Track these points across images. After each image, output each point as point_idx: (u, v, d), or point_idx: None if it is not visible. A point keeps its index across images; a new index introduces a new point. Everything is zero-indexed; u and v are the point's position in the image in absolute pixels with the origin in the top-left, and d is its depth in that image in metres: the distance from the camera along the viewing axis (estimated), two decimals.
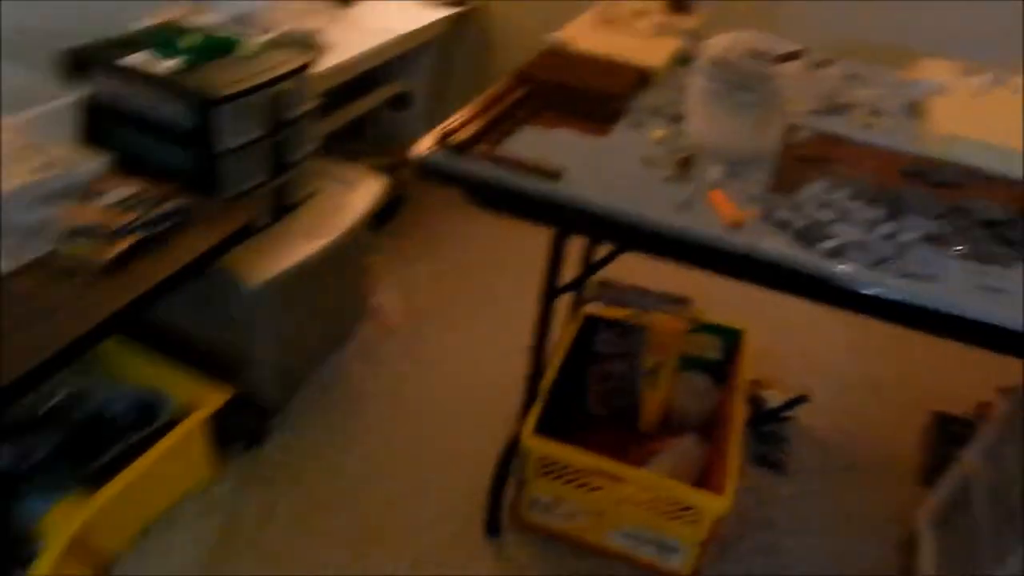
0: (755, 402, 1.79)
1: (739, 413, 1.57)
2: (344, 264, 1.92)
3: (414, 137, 1.11)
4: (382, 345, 2.08)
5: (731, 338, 1.79)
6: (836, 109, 1.38)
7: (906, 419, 1.95)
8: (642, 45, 1.52)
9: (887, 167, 1.20)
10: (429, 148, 1.13)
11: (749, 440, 1.77)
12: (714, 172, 1.08)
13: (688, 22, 1.68)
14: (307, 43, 1.77)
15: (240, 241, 1.48)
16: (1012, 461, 1.28)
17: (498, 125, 1.19)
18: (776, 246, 0.95)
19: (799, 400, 1.82)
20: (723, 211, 1.00)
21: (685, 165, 1.10)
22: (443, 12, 2.37)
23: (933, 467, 1.71)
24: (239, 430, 1.70)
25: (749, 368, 1.70)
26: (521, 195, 1.07)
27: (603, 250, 1.43)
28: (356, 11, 2.24)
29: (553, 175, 1.06)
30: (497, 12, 2.57)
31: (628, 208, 1.01)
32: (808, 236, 0.97)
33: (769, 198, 1.06)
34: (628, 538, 1.51)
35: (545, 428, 1.52)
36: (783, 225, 1.00)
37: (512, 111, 1.24)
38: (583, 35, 1.52)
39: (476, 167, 1.09)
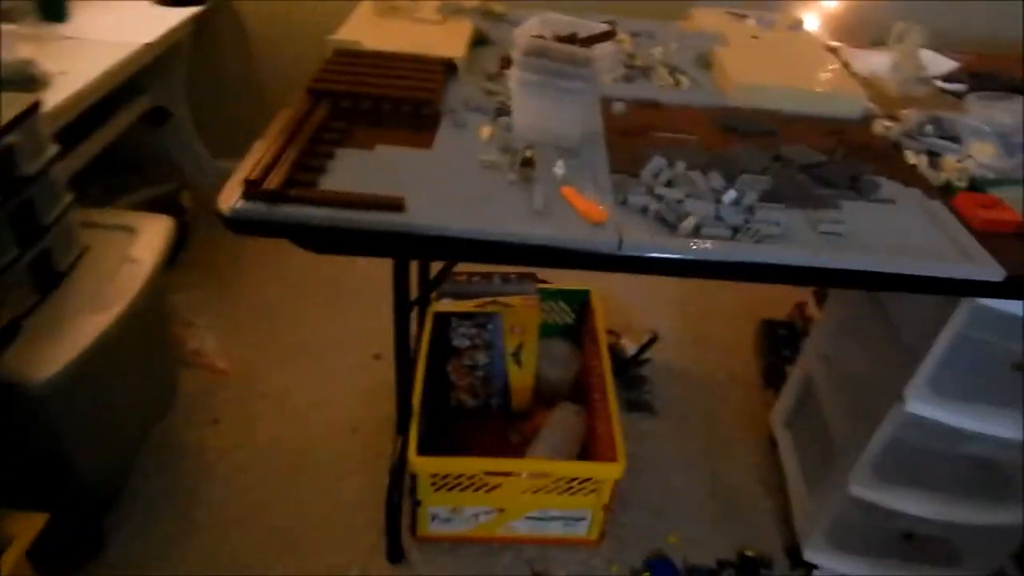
0: (613, 353, 1.82)
1: (607, 372, 1.58)
2: (148, 322, 1.61)
3: (182, 153, 0.90)
4: (217, 394, 1.81)
5: (580, 299, 1.78)
6: (639, 72, 1.36)
7: (740, 331, 2.10)
8: (433, 33, 1.38)
9: (704, 125, 1.21)
10: (237, 201, 0.92)
11: (616, 389, 1.81)
12: (558, 167, 1.00)
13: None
14: (24, 77, 1.39)
15: (7, 343, 1.16)
16: (843, 360, 1.41)
17: (309, 156, 1.00)
18: (644, 238, 0.90)
19: (651, 341, 1.88)
20: (582, 209, 0.93)
21: (527, 164, 1.00)
22: (182, 12, 2.00)
23: (769, 369, 1.87)
24: (72, 544, 1.39)
25: (601, 323, 1.71)
26: (362, 234, 0.92)
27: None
28: (73, 27, 1.80)
29: (395, 205, 0.92)
30: (247, 6, 2.24)
31: (487, 227, 0.90)
32: (667, 219, 0.93)
33: (617, 183, 1.00)
34: (534, 522, 1.48)
35: (424, 439, 1.42)
36: (642, 211, 0.95)
37: (319, 136, 1.05)
38: (366, 31, 1.34)
39: (300, 212, 0.91)
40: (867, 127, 1.24)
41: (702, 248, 0.90)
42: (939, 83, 1.40)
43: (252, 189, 0.92)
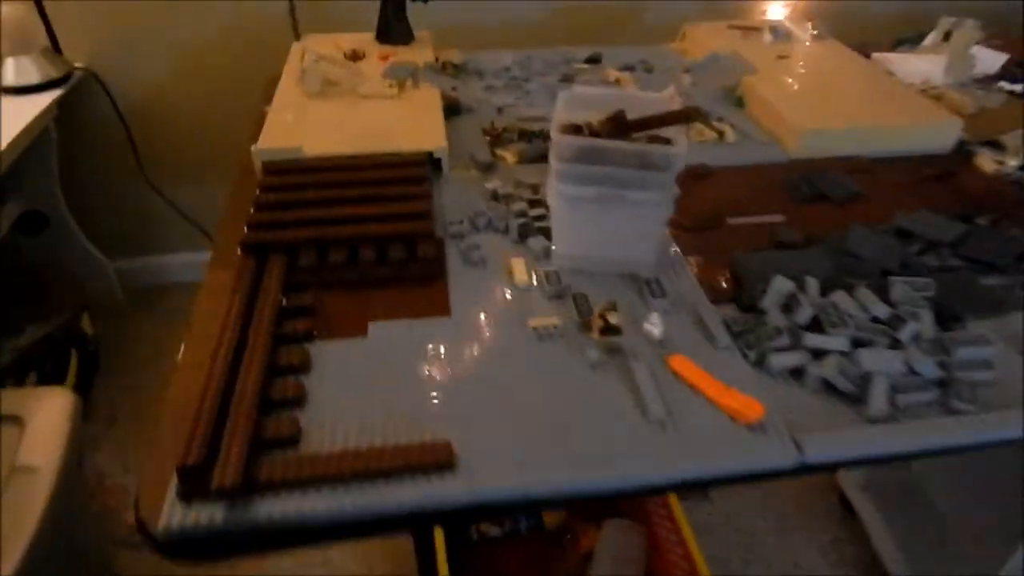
0: None
1: None
2: (63, 540, 1.15)
3: (72, 260, 0.53)
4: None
5: None
6: None
7: None
8: (392, 112, 0.96)
9: (777, 194, 0.86)
10: (171, 509, 0.51)
11: None
12: (654, 324, 0.64)
13: (420, 54, 1.13)
14: None
15: None
16: None
17: (271, 376, 0.59)
18: (830, 439, 0.56)
19: None
20: (721, 403, 0.57)
21: (608, 331, 0.63)
22: (39, 100, 1.50)
23: None
24: None
25: None
26: (393, 518, 0.53)
27: None
28: None
29: (441, 462, 0.53)
30: (116, 82, 1.73)
31: (591, 476, 0.53)
32: (840, 387, 0.59)
33: (732, 326, 0.65)
34: None
35: None
36: (796, 376, 0.61)
37: (279, 331, 0.64)
38: (302, 126, 0.91)
39: (285, 509, 0.51)
40: (969, 163, 0.93)
41: (916, 436, 0.57)
42: (1003, 85, 1.12)
43: (193, 487, 0.51)
